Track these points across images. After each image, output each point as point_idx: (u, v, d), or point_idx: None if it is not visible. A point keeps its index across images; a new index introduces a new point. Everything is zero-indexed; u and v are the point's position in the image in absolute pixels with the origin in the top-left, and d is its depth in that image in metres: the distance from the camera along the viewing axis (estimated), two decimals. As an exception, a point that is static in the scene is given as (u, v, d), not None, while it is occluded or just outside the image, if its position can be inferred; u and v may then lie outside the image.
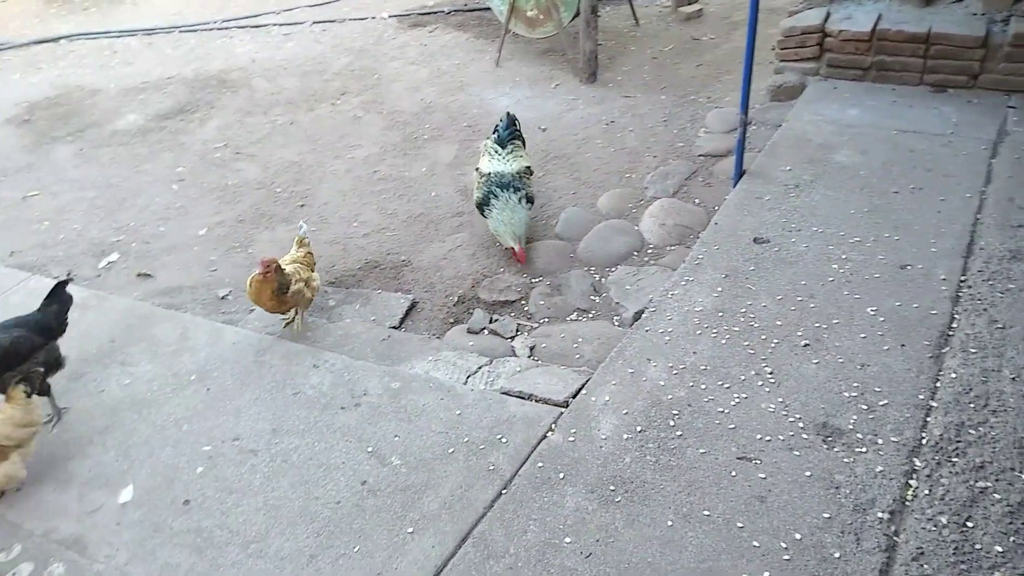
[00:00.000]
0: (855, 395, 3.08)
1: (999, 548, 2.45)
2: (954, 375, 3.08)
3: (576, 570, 2.57)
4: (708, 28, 7.75)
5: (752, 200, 4.41)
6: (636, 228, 4.79)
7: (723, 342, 3.44)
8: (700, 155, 5.50)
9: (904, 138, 4.85)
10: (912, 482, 2.71)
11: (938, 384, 3.07)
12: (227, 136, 6.56)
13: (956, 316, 3.40)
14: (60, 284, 3.63)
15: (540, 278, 4.49)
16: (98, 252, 5.07)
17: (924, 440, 2.85)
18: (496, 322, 4.14)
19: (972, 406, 2.94)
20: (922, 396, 3.03)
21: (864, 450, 2.84)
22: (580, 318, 4.15)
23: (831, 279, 3.73)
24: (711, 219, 4.38)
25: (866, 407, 3.02)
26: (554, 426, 3.14)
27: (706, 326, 3.54)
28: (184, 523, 2.93)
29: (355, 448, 3.18)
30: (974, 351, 3.18)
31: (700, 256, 4.02)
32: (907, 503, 2.64)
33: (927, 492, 2.65)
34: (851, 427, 2.94)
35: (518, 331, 4.09)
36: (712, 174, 5.25)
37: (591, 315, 4.15)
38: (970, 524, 2.53)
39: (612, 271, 4.45)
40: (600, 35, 7.09)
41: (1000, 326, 3.30)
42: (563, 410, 3.23)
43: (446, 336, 4.07)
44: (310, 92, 7.27)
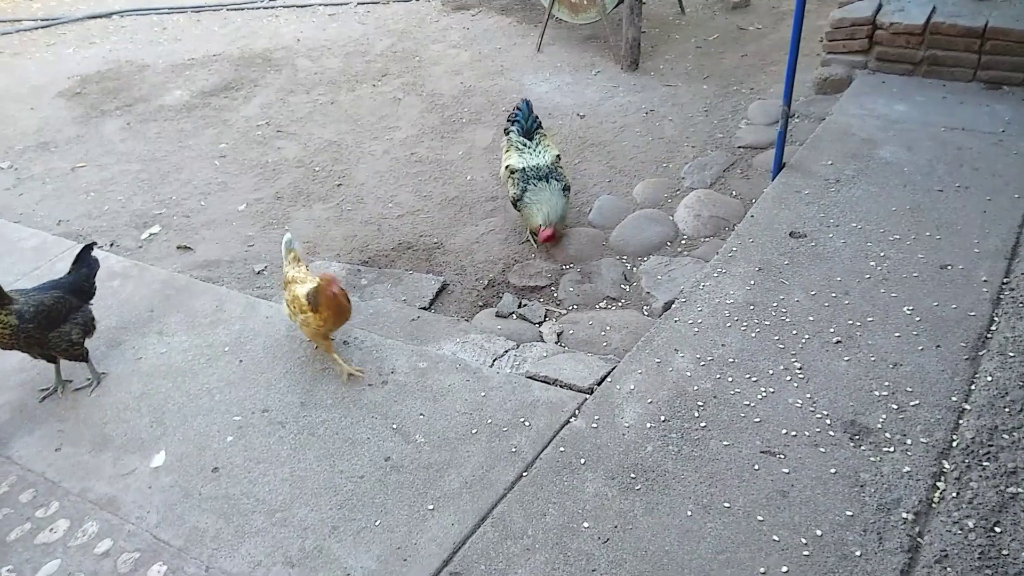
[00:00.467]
0: (886, 394, 3.02)
1: (1027, 556, 2.40)
2: (990, 378, 3.01)
3: (593, 555, 2.58)
4: (755, 17, 7.62)
5: (791, 193, 4.34)
6: (670, 218, 4.74)
7: (753, 335, 3.40)
8: (740, 147, 5.42)
9: (952, 135, 4.72)
10: (940, 484, 2.66)
11: (973, 387, 3.00)
12: (269, 114, 6.65)
13: (996, 319, 3.31)
14: (86, 248, 3.71)
15: (571, 265, 4.48)
16: (140, 224, 5.20)
17: (955, 443, 2.79)
18: (525, 307, 4.14)
19: (1007, 410, 2.86)
20: (955, 398, 2.96)
21: (892, 450, 2.80)
22: (609, 306, 4.13)
23: (867, 276, 3.66)
24: (747, 211, 4.33)
25: (896, 407, 2.96)
26: (578, 412, 3.15)
27: (736, 319, 3.51)
28: (213, 489, 3.01)
29: (380, 424, 3.22)
30: (1012, 355, 3.10)
31: (734, 248, 3.97)
32: (933, 505, 2.59)
33: (955, 495, 2.60)
34: (880, 426, 2.89)
35: (546, 317, 4.10)
36: (751, 166, 5.17)
37: (620, 304, 4.14)
38: (998, 529, 2.47)
39: (644, 260, 4.42)
40: (644, 22, 7.02)
41: (1042, 330, 3.21)
42: (587, 396, 3.24)
43: (475, 319, 4.10)
44: (352, 73, 7.33)
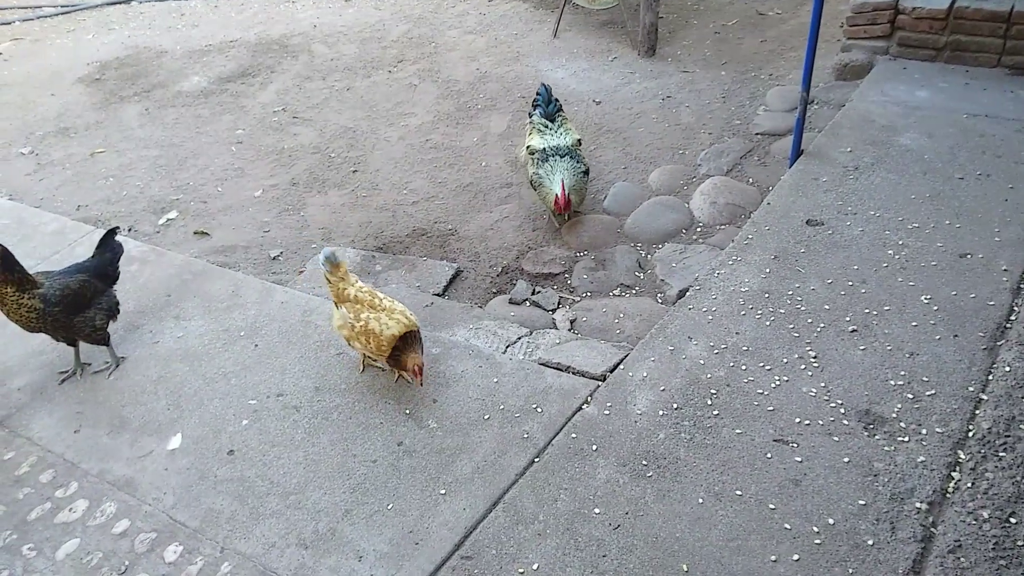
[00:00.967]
0: (901, 384, 3.00)
1: (1042, 547, 2.37)
2: (1008, 368, 2.97)
3: (604, 540, 2.59)
4: (775, 2, 7.51)
5: (808, 181, 4.30)
6: (686, 205, 4.71)
7: (767, 324, 3.38)
8: (757, 133, 5.37)
9: (975, 122, 4.64)
10: (955, 474, 2.64)
11: (990, 377, 2.97)
12: (285, 100, 6.67)
13: (1016, 308, 3.27)
14: (110, 232, 3.75)
15: (585, 252, 4.47)
16: (158, 209, 5.24)
17: (971, 433, 2.77)
18: (538, 294, 4.14)
19: (1025, 401, 2.84)
20: (972, 388, 2.93)
21: (906, 439, 2.78)
22: (623, 294, 4.12)
23: (885, 265, 3.62)
24: (764, 199, 4.29)
25: (912, 396, 2.94)
26: (590, 399, 3.15)
27: (751, 307, 3.48)
28: (228, 472, 3.05)
29: (393, 409, 3.24)
30: (1032, 345, 3.06)
31: (750, 236, 3.94)
32: (948, 495, 2.57)
33: (970, 485, 2.58)
34: (894, 415, 2.87)
35: (560, 304, 4.09)
36: (768, 153, 5.12)
37: (634, 291, 4.13)
38: (1013, 520, 2.45)
39: (659, 248, 4.40)
40: (661, 7, 6.95)
41: (1063, 321, 3.17)
42: (600, 384, 3.23)
43: (488, 305, 4.10)
44: (368, 59, 7.32)
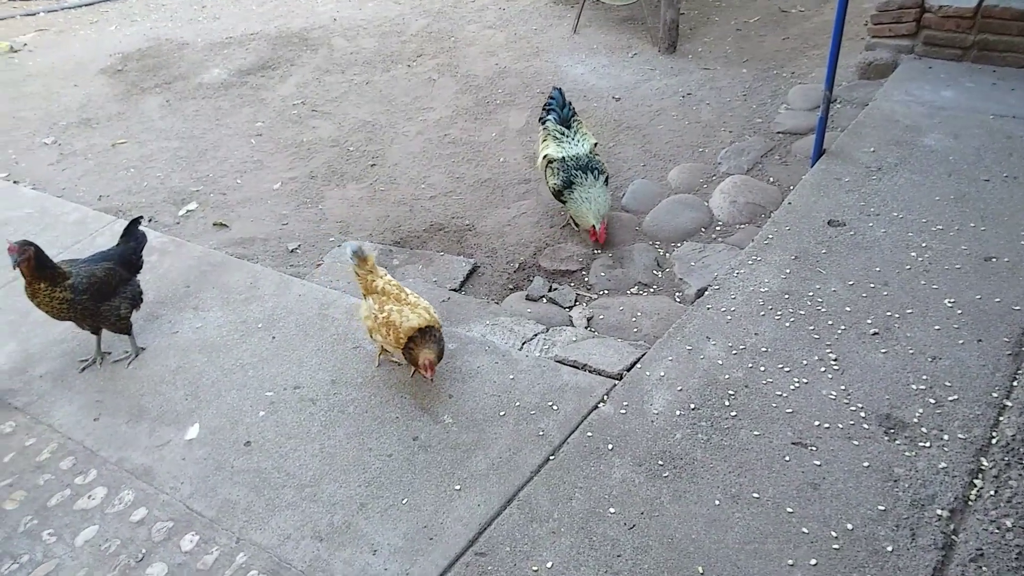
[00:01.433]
0: (923, 388, 2.96)
1: (1066, 557, 2.33)
2: (1033, 375, 2.93)
3: (618, 540, 2.57)
4: None
5: (830, 181, 4.25)
6: (706, 204, 4.68)
7: (787, 325, 3.34)
8: (779, 132, 5.32)
9: (1002, 123, 4.57)
10: (977, 481, 2.60)
11: (1015, 383, 2.92)
12: (305, 93, 6.69)
13: (1042, 313, 3.22)
14: (134, 222, 3.78)
15: (602, 250, 4.45)
16: (178, 200, 5.27)
17: (994, 440, 2.72)
18: (555, 291, 4.13)
19: (1050, 408, 2.79)
20: (996, 394, 2.89)
21: (928, 445, 2.74)
22: (641, 292, 4.10)
23: (908, 267, 3.57)
24: (785, 199, 4.24)
25: (934, 401, 2.90)
26: (606, 397, 3.14)
27: (770, 308, 3.45)
28: (244, 463, 3.06)
29: (409, 404, 3.24)
30: (1058, 351, 3.01)
31: (770, 236, 3.90)
32: (970, 503, 2.54)
33: (992, 493, 2.54)
34: (916, 420, 2.83)
35: (577, 301, 4.07)
36: (790, 152, 5.07)
37: (652, 290, 4.10)
38: (1036, 530, 2.42)
39: (677, 246, 4.37)
40: (683, 4, 6.90)
41: (1090, 327, 3.11)
42: (616, 382, 3.22)
43: (505, 302, 4.09)
44: (387, 53, 7.32)
